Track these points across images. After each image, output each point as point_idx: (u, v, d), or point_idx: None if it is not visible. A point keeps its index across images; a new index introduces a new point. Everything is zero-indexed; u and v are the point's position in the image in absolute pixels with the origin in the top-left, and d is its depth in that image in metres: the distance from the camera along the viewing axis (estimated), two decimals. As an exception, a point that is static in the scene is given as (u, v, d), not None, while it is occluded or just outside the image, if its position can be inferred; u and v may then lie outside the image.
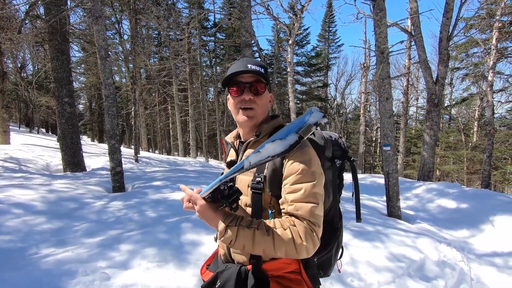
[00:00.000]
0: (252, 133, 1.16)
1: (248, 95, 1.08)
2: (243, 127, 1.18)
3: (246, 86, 1.09)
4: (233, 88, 1.12)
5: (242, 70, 1.08)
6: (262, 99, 1.12)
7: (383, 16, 5.07)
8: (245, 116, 1.11)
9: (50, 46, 6.34)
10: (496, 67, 9.71)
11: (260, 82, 1.10)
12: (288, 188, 1.00)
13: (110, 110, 4.56)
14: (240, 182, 1.12)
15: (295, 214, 0.96)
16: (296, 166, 1.00)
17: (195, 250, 2.60)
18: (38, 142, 11.46)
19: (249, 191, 1.08)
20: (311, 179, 0.99)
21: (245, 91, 1.09)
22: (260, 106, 1.11)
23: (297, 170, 1.00)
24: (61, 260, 2.34)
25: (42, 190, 4.05)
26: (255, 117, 1.12)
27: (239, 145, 1.21)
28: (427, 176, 8.15)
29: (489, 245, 4.31)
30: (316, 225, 0.96)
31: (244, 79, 1.09)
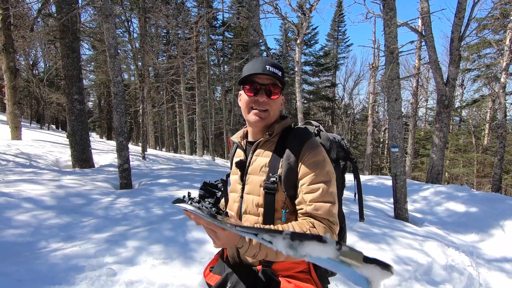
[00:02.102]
0: (262, 133, 1.15)
1: (262, 97, 1.08)
2: (253, 127, 1.17)
3: (262, 87, 1.08)
4: (248, 87, 1.11)
5: (260, 72, 1.06)
6: (276, 102, 1.11)
7: (393, 16, 5.00)
8: (257, 117, 1.10)
9: (61, 44, 6.44)
10: (509, 68, 9.48)
11: (276, 85, 1.09)
12: (306, 188, 1.02)
13: (119, 107, 4.61)
14: (251, 182, 1.10)
15: (315, 215, 0.99)
16: (312, 166, 1.03)
17: (200, 248, 2.62)
18: (48, 138, 11.67)
19: (261, 191, 1.06)
20: (327, 179, 1.03)
21: (259, 92, 1.08)
22: (273, 109, 1.11)
23: (314, 170, 1.03)
24: (69, 255, 2.38)
25: (51, 185, 4.12)
26: (267, 119, 1.11)
27: (247, 145, 1.20)
28: (436, 179, 8.02)
29: (499, 250, 4.22)
30: (335, 224, 1.00)
31: (261, 80, 1.08)
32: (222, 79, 20.20)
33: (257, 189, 1.08)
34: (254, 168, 1.11)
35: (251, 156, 1.15)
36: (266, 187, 1.05)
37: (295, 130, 1.13)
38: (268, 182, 1.05)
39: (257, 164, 1.11)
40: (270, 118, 1.12)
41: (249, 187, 1.10)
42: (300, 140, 1.09)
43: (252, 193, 1.09)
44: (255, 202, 1.08)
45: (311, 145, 1.07)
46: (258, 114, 1.09)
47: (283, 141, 1.11)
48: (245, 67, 1.15)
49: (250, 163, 1.13)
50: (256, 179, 1.09)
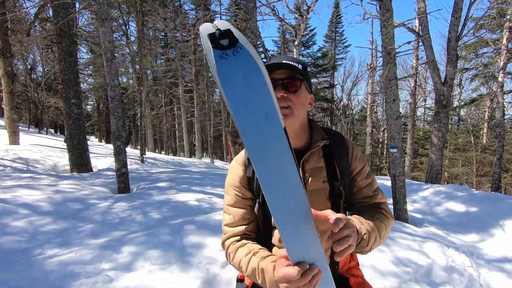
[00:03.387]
0: (299, 139, 1.04)
1: (280, 92, 0.94)
2: None
3: (278, 82, 0.96)
4: None
5: (275, 63, 0.95)
6: (298, 97, 0.96)
7: (390, 17, 5.00)
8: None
9: (58, 48, 6.43)
10: (506, 67, 9.51)
11: (295, 78, 0.96)
12: (364, 182, 1.07)
13: (116, 111, 4.59)
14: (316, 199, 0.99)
15: (379, 201, 1.07)
16: (361, 160, 1.09)
17: (198, 253, 2.59)
18: (47, 143, 11.64)
19: (328, 204, 1.01)
20: (369, 166, 1.16)
21: (277, 88, 0.96)
22: (296, 105, 0.96)
23: (363, 163, 1.09)
24: (65, 261, 2.35)
25: (48, 190, 4.10)
26: (292, 116, 0.96)
27: None
28: (435, 179, 8.01)
29: (499, 250, 4.20)
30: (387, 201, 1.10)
31: (277, 75, 0.97)
32: (221, 81, 20.17)
33: (323, 202, 1.01)
34: (315, 182, 1.00)
35: (303, 171, 1.01)
36: (333, 197, 1.01)
37: (329, 130, 1.10)
38: (334, 191, 1.01)
39: (316, 177, 1.01)
40: (295, 116, 0.96)
41: (314, 204, 0.98)
42: (341, 138, 1.09)
43: (318, 207, 0.98)
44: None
45: (349, 140, 1.11)
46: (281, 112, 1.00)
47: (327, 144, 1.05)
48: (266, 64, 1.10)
49: (306, 179, 1.01)
50: (320, 193, 1.01)
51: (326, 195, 1.00)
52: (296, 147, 1.04)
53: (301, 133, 1.04)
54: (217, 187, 5.00)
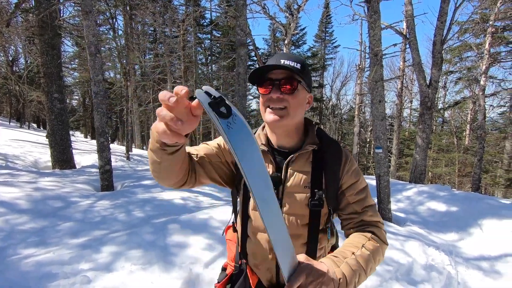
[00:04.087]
0: (290, 138, 1.02)
1: (276, 93, 0.92)
2: (272, 129, 1.02)
3: (275, 83, 0.93)
4: (261, 87, 0.96)
5: (272, 65, 0.91)
6: (294, 98, 0.93)
7: (377, 19, 5.06)
8: (273, 115, 0.93)
9: (40, 40, 6.21)
10: (488, 71, 9.81)
11: (292, 79, 0.92)
12: (355, 198, 1.01)
13: (100, 107, 4.48)
14: (293, 201, 0.97)
15: (369, 221, 1.01)
16: (355, 174, 1.02)
17: (181, 252, 2.56)
18: (28, 138, 11.26)
19: (306, 210, 0.97)
20: (365, 183, 1.04)
21: (273, 89, 0.93)
22: (292, 106, 0.93)
23: (357, 178, 1.02)
24: (42, 262, 2.28)
25: (27, 188, 3.96)
26: (287, 118, 0.94)
27: (274, 153, 1.03)
28: (419, 179, 8.21)
29: (477, 248, 4.34)
30: (382, 221, 1.04)
31: (275, 75, 0.93)
32: (210, 78, 20.04)
33: (300, 208, 0.97)
34: (295, 185, 0.98)
35: (285, 170, 0.99)
36: (313, 205, 0.96)
37: (326, 136, 1.05)
38: (315, 199, 0.96)
39: (297, 180, 0.98)
40: (291, 117, 0.94)
41: (290, 206, 0.98)
42: (337, 148, 1.02)
43: (294, 212, 0.98)
44: (300, 223, 0.98)
45: (346, 152, 1.04)
46: (275, 112, 0.93)
47: (319, 149, 1.01)
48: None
49: (287, 179, 0.98)
50: (299, 197, 0.97)
51: (305, 202, 0.97)
52: (285, 146, 1.02)
53: (294, 133, 1.02)
54: (204, 185, 4.95)
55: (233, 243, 1.17)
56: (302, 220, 0.98)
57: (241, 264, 1.08)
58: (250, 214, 1.04)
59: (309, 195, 0.97)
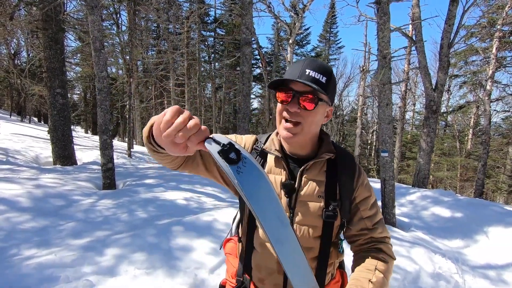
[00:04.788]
0: (304, 148, 0.98)
1: (293, 107, 0.87)
2: (285, 142, 0.99)
3: (296, 95, 0.87)
4: (280, 93, 0.90)
5: (294, 80, 0.86)
6: (311, 115, 0.88)
7: (387, 20, 4.98)
8: (287, 132, 0.90)
9: (44, 34, 6.13)
10: (494, 76, 9.72)
11: (313, 95, 0.87)
12: (367, 213, 0.99)
13: (103, 104, 4.41)
14: (306, 211, 0.94)
15: (379, 238, 0.99)
16: (367, 188, 1.00)
17: (186, 257, 2.50)
18: (29, 132, 11.20)
19: (319, 221, 0.94)
20: (375, 196, 1.02)
21: (292, 101, 0.87)
22: (308, 122, 0.89)
23: (369, 192, 1.01)
24: (43, 264, 2.21)
25: (28, 185, 3.90)
26: (300, 134, 0.90)
27: (287, 160, 0.99)
28: (422, 183, 8.14)
29: (483, 256, 4.28)
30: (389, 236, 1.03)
31: (296, 86, 0.88)
32: (213, 76, 19.95)
33: (313, 218, 0.94)
34: (308, 194, 0.94)
35: (299, 178, 0.95)
36: (327, 216, 0.92)
37: (339, 147, 1.02)
38: (329, 210, 0.92)
39: (311, 189, 0.94)
40: (304, 133, 0.90)
41: (303, 216, 0.94)
42: (351, 159, 1.00)
43: (307, 223, 0.94)
44: (313, 234, 0.94)
45: (359, 166, 1.02)
46: (289, 129, 0.89)
47: (334, 160, 0.98)
48: (287, 69, 0.99)
49: (301, 188, 0.95)
50: (312, 207, 0.94)
51: (318, 212, 0.94)
52: (299, 153, 0.99)
53: (308, 143, 0.98)
54: (206, 185, 4.89)
55: (234, 257, 1.11)
56: (315, 231, 0.95)
57: (243, 281, 1.03)
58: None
59: (323, 205, 0.94)
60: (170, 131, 0.58)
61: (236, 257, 1.10)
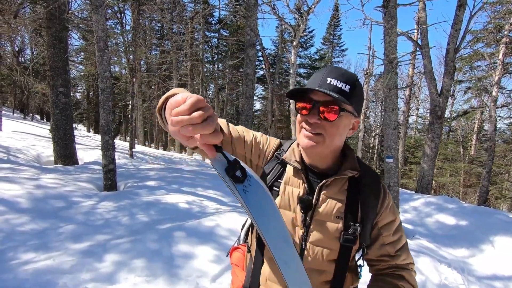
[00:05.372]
0: (324, 162, 0.90)
1: (313, 118, 0.81)
2: (304, 153, 0.93)
3: (315, 105, 0.81)
4: (299, 103, 0.84)
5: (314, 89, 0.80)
6: (333, 127, 0.82)
7: (394, 25, 4.92)
8: (308, 140, 0.83)
9: (48, 33, 6.10)
10: (500, 82, 9.63)
11: (335, 105, 0.80)
12: (390, 238, 0.91)
13: (106, 104, 4.36)
14: (322, 230, 0.86)
15: (402, 266, 0.92)
16: (393, 211, 0.92)
17: (187, 264, 2.44)
18: (32, 130, 11.19)
19: (335, 243, 0.86)
20: (399, 218, 0.95)
21: (312, 111, 0.81)
22: (330, 134, 0.82)
23: (394, 215, 0.92)
24: (41, 270, 2.16)
25: (29, 185, 3.85)
26: (321, 145, 0.83)
27: (307, 172, 0.91)
28: (426, 189, 8.05)
29: (489, 267, 4.19)
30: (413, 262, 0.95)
31: (317, 96, 0.81)
32: (216, 77, 19.93)
33: (330, 240, 0.86)
34: (326, 213, 0.87)
35: (318, 194, 0.88)
36: (345, 239, 0.85)
37: (364, 164, 0.93)
38: (349, 233, 0.85)
39: (330, 208, 0.87)
40: (326, 145, 0.83)
41: (318, 236, 0.86)
42: (376, 178, 0.91)
43: (322, 244, 0.86)
44: (327, 257, 0.86)
45: (385, 186, 0.94)
46: (309, 137, 0.83)
47: (357, 178, 0.90)
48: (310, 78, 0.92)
49: (318, 205, 0.87)
50: (330, 228, 0.86)
51: (336, 234, 0.86)
52: (319, 167, 0.91)
53: (328, 157, 0.90)
54: (208, 189, 4.83)
55: (241, 269, 1.03)
56: (330, 254, 0.87)
57: None
58: None
59: (342, 227, 0.86)
60: (180, 119, 0.51)
61: (243, 269, 1.02)
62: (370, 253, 0.92)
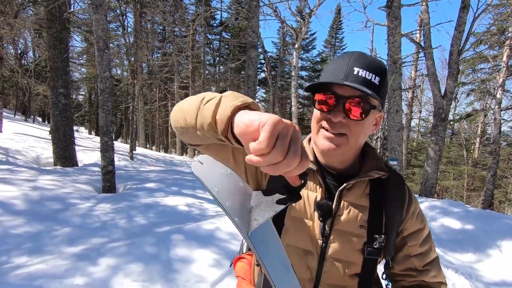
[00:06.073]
0: (343, 162, 0.79)
1: (338, 117, 0.69)
2: (323, 156, 0.80)
3: (340, 101, 0.69)
4: (320, 97, 0.71)
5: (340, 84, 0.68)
6: (359, 126, 0.71)
7: (398, 25, 4.86)
8: (329, 142, 0.72)
9: (48, 33, 6.07)
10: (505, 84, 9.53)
11: (364, 101, 0.69)
12: (417, 250, 0.80)
13: (105, 105, 4.29)
14: (343, 241, 0.76)
15: (431, 283, 0.80)
16: (420, 220, 0.82)
17: (185, 269, 2.34)
18: (32, 132, 11.16)
19: (358, 257, 0.76)
20: (428, 229, 0.84)
21: (335, 108, 0.69)
22: (355, 134, 0.71)
23: (422, 224, 0.82)
24: (33, 274, 2.07)
25: (25, 186, 3.78)
26: (344, 147, 0.72)
27: (323, 174, 0.80)
28: (430, 192, 7.93)
29: (497, 272, 4.07)
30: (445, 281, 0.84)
31: (341, 89, 0.69)
32: (218, 80, 19.92)
33: (352, 253, 0.76)
34: (349, 222, 0.76)
35: (338, 200, 0.77)
36: (369, 252, 0.75)
37: (386, 165, 0.82)
38: (373, 246, 0.74)
39: (353, 215, 0.76)
40: (350, 146, 0.73)
41: (339, 248, 0.76)
42: (401, 181, 0.80)
43: (344, 258, 0.76)
44: (349, 272, 0.76)
45: (410, 190, 0.83)
46: (331, 139, 0.72)
47: (378, 180, 0.79)
48: (326, 66, 0.77)
49: (339, 211, 0.77)
50: (352, 238, 0.76)
51: (358, 246, 0.76)
52: (336, 168, 0.80)
53: (349, 157, 0.79)
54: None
55: (248, 283, 0.89)
56: (352, 269, 0.76)
57: None
58: (286, 223, 0.78)
59: (365, 239, 0.75)
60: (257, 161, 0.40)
61: (250, 283, 0.89)
62: (394, 266, 0.81)
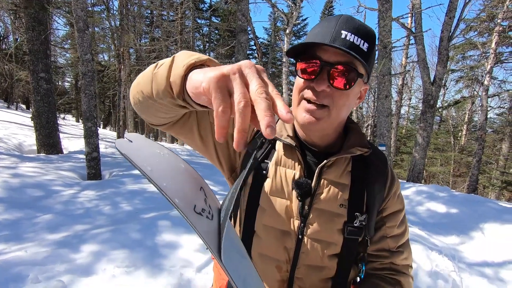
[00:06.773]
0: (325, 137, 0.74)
1: (321, 85, 0.63)
2: (302, 129, 0.75)
3: (324, 67, 0.63)
4: (303, 63, 0.65)
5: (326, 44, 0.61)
6: (344, 96, 0.65)
7: (389, 8, 4.78)
8: (308, 115, 0.66)
9: (26, 14, 5.75)
10: (492, 71, 9.63)
11: (351, 68, 0.63)
12: (393, 231, 0.77)
13: (88, 89, 4.13)
14: (323, 221, 0.72)
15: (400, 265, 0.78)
16: (401, 201, 0.80)
17: (172, 254, 2.31)
18: (15, 119, 10.78)
19: (338, 237, 0.72)
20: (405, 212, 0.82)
21: (319, 75, 0.63)
22: (338, 106, 0.65)
23: (401, 206, 0.80)
24: (10, 261, 2.00)
25: (5, 173, 3.64)
26: (325, 120, 0.67)
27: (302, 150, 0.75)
28: (417, 178, 8.07)
29: (479, 254, 4.20)
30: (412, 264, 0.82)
31: (326, 54, 0.63)
32: (207, 66, 19.51)
33: (331, 234, 0.72)
34: (329, 200, 0.72)
35: (318, 178, 0.72)
36: (350, 232, 0.71)
37: (370, 143, 0.78)
38: (354, 225, 0.71)
39: (333, 194, 0.72)
40: (332, 119, 0.67)
41: (318, 228, 0.72)
42: (384, 161, 0.77)
43: (323, 238, 0.72)
44: (328, 252, 0.73)
45: (392, 170, 0.80)
46: (311, 112, 0.66)
47: (360, 157, 0.75)
48: (312, 29, 0.69)
49: (319, 189, 0.72)
50: (332, 219, 0.72)
51: (338, 226, 0.72)
52: (316, 143, 0.75)
53: (330, 132, 0.74)
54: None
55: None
56: (331, 249, 0.73)
57: None
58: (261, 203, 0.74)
59: (345, 218, 0.72)
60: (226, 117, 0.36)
61: None
62: (369, 246, 0.78)
